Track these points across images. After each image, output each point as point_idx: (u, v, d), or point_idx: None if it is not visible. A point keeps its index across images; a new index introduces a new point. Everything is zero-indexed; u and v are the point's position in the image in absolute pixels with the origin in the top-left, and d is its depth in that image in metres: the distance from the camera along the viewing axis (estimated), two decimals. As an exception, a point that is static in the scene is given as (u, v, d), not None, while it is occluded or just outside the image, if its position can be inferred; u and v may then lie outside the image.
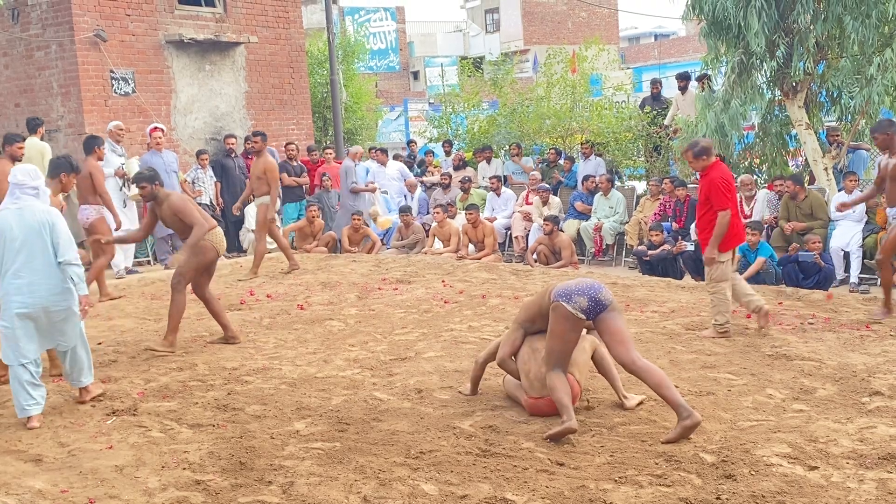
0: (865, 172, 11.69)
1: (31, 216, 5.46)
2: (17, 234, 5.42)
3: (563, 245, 11.48)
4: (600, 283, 5.16)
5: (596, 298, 5.02)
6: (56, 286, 5.52)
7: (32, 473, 4.66)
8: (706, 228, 7.16)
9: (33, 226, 5.44)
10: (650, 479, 4.27)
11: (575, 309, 5.00)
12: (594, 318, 5.07)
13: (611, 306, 5.07)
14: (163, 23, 13.89)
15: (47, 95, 13.31)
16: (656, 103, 14.24)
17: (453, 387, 5.87)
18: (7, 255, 5.44)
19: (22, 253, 5.42)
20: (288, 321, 8.18)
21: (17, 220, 5.45)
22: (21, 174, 5.56)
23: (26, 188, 5.52)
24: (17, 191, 5.52)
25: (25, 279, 5.42)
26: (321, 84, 20.14)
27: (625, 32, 53.75)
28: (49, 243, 5.46)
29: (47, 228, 5.46)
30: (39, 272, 5.44)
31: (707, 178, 7.10)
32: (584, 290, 5.05)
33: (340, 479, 4.40)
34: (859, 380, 5.73)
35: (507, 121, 16.01)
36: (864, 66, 10.24)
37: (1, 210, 5.56)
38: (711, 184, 7.05)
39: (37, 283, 5.44)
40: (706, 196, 7.08)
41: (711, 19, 10.77)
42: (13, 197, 5.53)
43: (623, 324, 5.12)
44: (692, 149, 7.22)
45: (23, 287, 5.42)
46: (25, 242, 5.42)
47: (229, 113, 14.86)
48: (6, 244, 5.44)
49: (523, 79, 26.29)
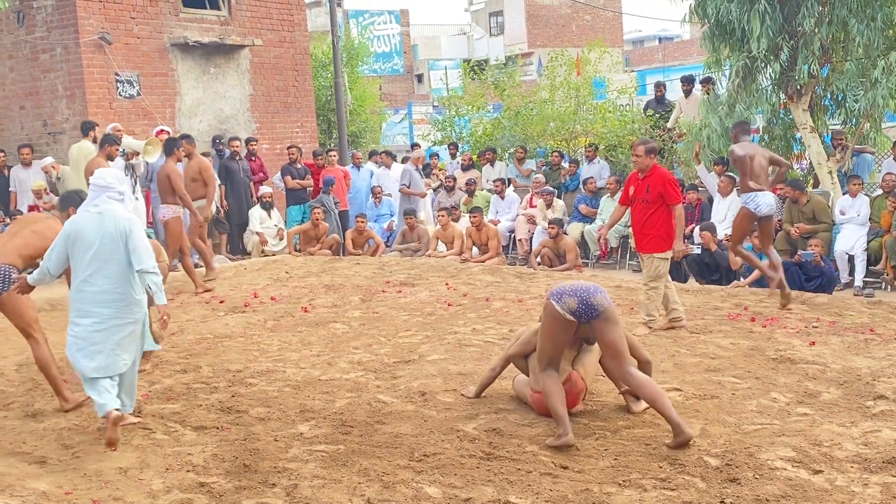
0: (870, 176, 11.67)
1: (112, 222, 5.12)
2: (94, 240, 5.08)
3: (568, 248, 11.48)
4: (598, 288, 5.04)
5: (587, 302, 4.92)
6: (128, 296, 5.15)
7: (37, 475, 4.67)
8: (656, 225, 7.35)
9: (112, 232, 5.10)
10: (654, 483, 4.26)
11: (563, 309, 4.93)
12: (587, 323, 4.96)
13: (604, 314, 4.93)
14: (167, 26, 13.93)
15: (52, 98, 13.35)
16: (660, 106, 14.24)
17: (457, 389, 5.87)
18: (80, 261, 5.10)
19: (96, 260, 5.07)
20: (292, 324, 8.18)
21: (95, 226, 5.10)
22: (109, 177, 5.25)
23: (112, 192, 5.21)
24: (102, 194, 5.19)
25: (97, 287, 5.08)
26: (325, 87, 20.17)
27: (629, 35, 53.73)
28: (125, 251, 5.10)
29: (126, 235, 5.12)
30: (113, 280, 5.09)
31: (657, 176, 7.33)
32: (576, 291, 4.96)
33: (344, 481, 4.40)
34: (864, 383, 5.72)
35: (510, 124, 16.01)
36: (868, 70, 10.23)
37: (80, 212, 5.26)
38: (665, 180, 7.33)
39: (108, 292, 5.09)
40: (658, 193, 7.28)
41: (715, 23, 10.77)
42: (96, 200, 5.21)
43: (617, 335, 4.98)
44: (645, 144, 7.45)
45: (93, 295, 5.08)
46: (102, 249, 5.08)
47: (234, 116, 14.89)
48: (80, 250, 5.10)
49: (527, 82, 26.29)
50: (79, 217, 5.20)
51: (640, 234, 7.51)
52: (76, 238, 5.11)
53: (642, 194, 7.38)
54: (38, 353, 5.79)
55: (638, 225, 7.50)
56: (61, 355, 6.95)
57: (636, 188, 7.44)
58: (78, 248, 5.10)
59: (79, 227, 5.13)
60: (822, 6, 10.25)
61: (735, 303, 8.44)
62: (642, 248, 7.51)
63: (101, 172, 5.29)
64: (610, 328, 4.96)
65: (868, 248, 9.75)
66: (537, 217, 12.55)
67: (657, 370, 6.08)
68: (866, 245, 9.76)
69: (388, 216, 14.31)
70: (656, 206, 7.31)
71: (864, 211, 9.91)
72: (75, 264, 5.13)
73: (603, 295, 4.99)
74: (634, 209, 7.50)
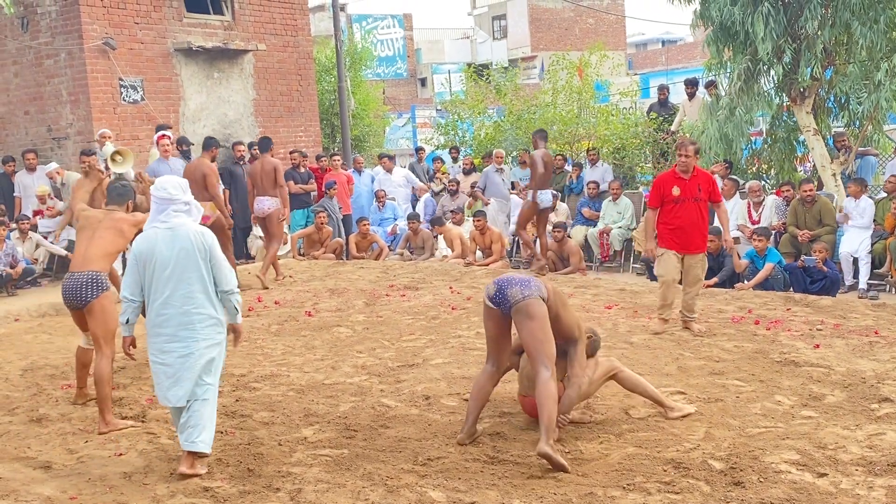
0: (874, 178, 11.66)
1: (186, 238, 4.74)
2: (169, 258, 4.71)
3: (572, 251, 11.47)
4: (526, 281, 4.86)
5: (503, 291, 4.82)
6: (211, 316, 4.79)
7: (41, 480, 4.68)
8: (706, 223, 7.52)
9: (188, 248, 4.73)
10: (658, 487, 4.26)
11: (485, 294, 4.95)
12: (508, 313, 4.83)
13: (517, 307, 4.75)
14: (171, 31, 13.96)
15: (56, 103, 13.38)
16: (663, 109, 14.24)
17: (461, 393, 5.87)
18: (156, 282, 4.72)
19: (173, 280, 4.70)
20: (296, 328, 8.19)
21: (168, 242, 4.73)
22: (172, 187, 4.85)
23: (178, 203, 4.83)
24: (168, 207, 4.80)
25: (177, 308, 4.71)
26: (329, 91, 20.20)
27: (632, 38, 53.72)
28: (204, 268, 4.75)
29: (206, 252, 4.77)
30: (194, 300, 4.73)
31: (703, 174, 7.47)
32: (500, 280, 4.91)
33: (348, 485, 4.41)
34: (868, 386, 5.71)
35: (513, 127, 16.02)
36: (872, 72, 10.23)
37: (149, 229, 4.86)
38: (711, 177, 7.53)
39: (190, 313, 4.72)
40: (707, 193, 7.42)
41: (719, 26, 10.77)
42: (163, 214, 4.82)
43: (529, 334, 4.74)
44: (695, 144, 7.55)
45: (175, 318, 4.71)
46: (178, 267, 4.71)
47: (237, 120, 14.91)
48: (155, 270, 4.72)
49: (531, 85, 26.30)
50: (148, 235, 4.82)
51: (692, 234, 7.40)
52: (149, 257, 4.74)
53: (693, 193, 7.34)
54: (101, 365, 5.58)
55: (689, 225, 7.38)
56: (66, 359, 6.99)
57: (682, 188, 7.35)
58: (152, 268, 4.72)
59: (151, 245, 4.75)
60: (824, 9, 10.24)
61: (739, 305, 8.43)
62: (697, 248, 7.44)
63: (162, 182, 4.91)
64: (521, 325, 4.77)
65: (872, 251, 9.73)
66: (540, 220, 12.54)
67: (660, 373, 6.09)
68: (870, 247, 9.74)
69: (391, 220, 14.33)
70: (706, 203, 7.38)
71: (867, 213, 9.89)
72: (151, 286, 4.74)
73: (521, 288, 4.79)
74: (681, 209, 7.37)
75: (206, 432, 4.68)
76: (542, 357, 4.72)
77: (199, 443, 4.63)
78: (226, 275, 4.81)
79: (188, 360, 4.69)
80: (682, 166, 7.38)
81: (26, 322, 9.02)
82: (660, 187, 7.54)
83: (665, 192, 7.46)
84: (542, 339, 4.74)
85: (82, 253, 5.80)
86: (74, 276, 5.70)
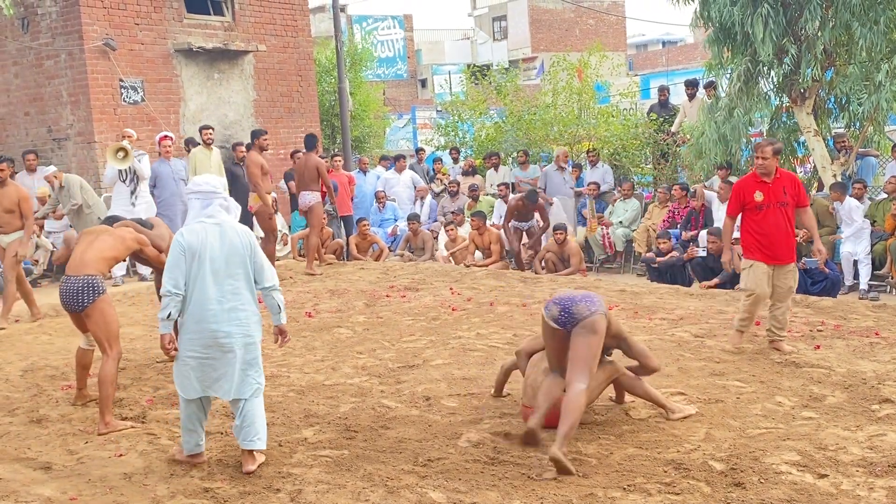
0: (874, 179, 11.65)
1: (235, 235, 4.76)
2: (219, 254, 4.70)
3: (572, 252, 11.47)
4: (588, 297, 4.96)
5: (568, 310, 4.90)
6: (254, 313, 4.83)
7: (42, 481, 4.68)
8: (793, 229, 6.77)
9: (237, 245, 4.74)
10: (659, 487, 4.26)
11: (548, 316, 4.98)
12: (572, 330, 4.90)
13: (581, 323, 4.85)
14: (171, 31, 13.97)
15: (57, 104, 13.39)
16: (664, 110, 14.24)
17: (461, 394, 5.86)
18: (204, 276, 4.67)
19: (221, 275, 4.69)
20: (296, 329, 8.18)
21: (218, 238, 4.72)
22: (215, 181, 4.86)
23: (220, 198, 4.82)
24: (213, 200, 4.78)
25: (226, 304, 4.70)
26: (329, 92, 20.19)
27: (632, 39, 53.76)
28: (249, 265, 4.77)
29: (251, 249, 4.78)
30: (240, 296, 4.75)
31: (787, 176, 6.77)
32: (563, 299, 4.97)
33: (348, 486, 4.41)
34: (869, 387, 5.71)
35: (513, 128, 16.02)
36: (872, 73, 10.23)
37: (194, 223, 4.79)
38: (796, 179, 6.79)
39: (237, 309, 4.74)
40: (794, 196, 6.70)
41: (719, 27, 10.76)
42: (209, 209, 4.79)
43: (585, 347, 4.83)
44: (772, 145, 6.74)
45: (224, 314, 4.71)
46: (228, 263, 4.71)
47: (238, 121, 14.91)
48: (204, 264, 4.68)
49: (531, 86, 26.29)
50: (196, 229, 4.74)
51: (780, 243, 6.69)
52: (199, 251, 4.67)
53: (779, 198, 6.65)
54: (107, 368, 5.57)
55: (776, 233, 6.67)
56: (66, 360, 6.99)
57: (766, 193, 6.65)
58: (200, 262, 4.68)
59: (202, 239, 4.69)
60: (825, 9, 10.24)
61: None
62: (787, 258, 6.73)
63: (206, 178, 4.89)
64: (580, 337, 4.85)
65: (872, 252, 9.73)
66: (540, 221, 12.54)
67: (661, 374, 6.06)
68: (871, 248, 9.74)
69: (391, 221, 14.32)
70: (793, 208, 6.69)
71: (855, 214, 9.87)
72: (196, 280, 4.67)
73: (587, 303, 4.90)
74: (766, 216, 6.67)
75: (262, 429, 4.80)
76: (586, 370, 4.83)
77: (256, 441, 4.77)
78: (269, 271, 4.85)
79: (236, 355, 4.74)
80: (762, 169, 6.66)
81: (26, 323, 9.02)
82: (740, 193, 6.81)
83: (746, 199, 6.74)
84: (594, 354, 4.89)
85: (79, 255, 5.80)
86: (70, 279, 5.70)
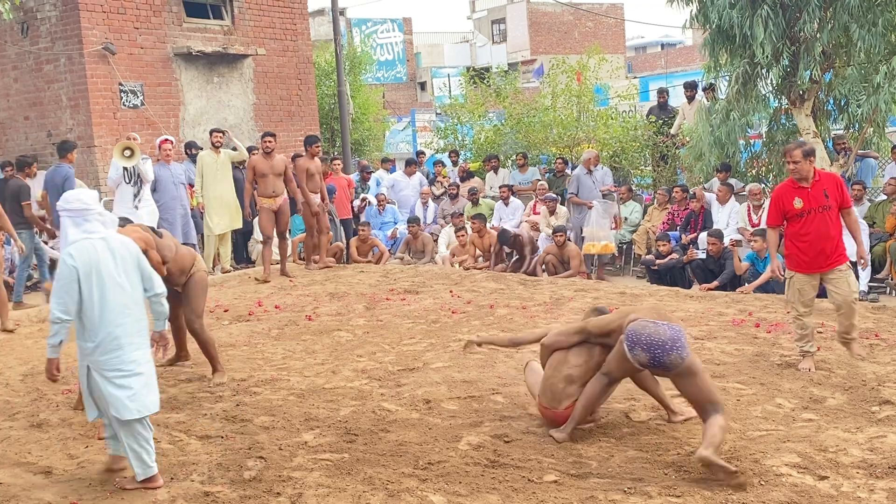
0: (873, 181, 11.66)
1: (121, 246, 4.65)
2: (116, 268, 4.58)
3: (572, 255, 11.47)
4: (676, 340, 4.63)
5: (660, 360, 4.64)
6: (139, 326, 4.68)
7: (42, 486, 4.67)
8: (840, 233, 6.43)
9: (125, 256, 4.64)
10: (659, 490, 4.26)
11: (634, 361, 4.75)
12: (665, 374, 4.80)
13: (677, 371, 4.64)
14: (171, 35, 13.98)
15: (56, 108, 13.40)
16: (663, 112, 14.25)
17: (461, 397, 5.86)
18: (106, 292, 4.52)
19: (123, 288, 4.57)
20: (296, 332, 8.19)
21: (109, 252, 4.59)
22: (87, 198, 4.69)
23: (94, 213, 4.66)
24: (89, 217, 4.63)
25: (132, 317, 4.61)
26: (328, 95, 20.22)
27: (631, 42, 53.81)
28: (140, 275, 4.68)
29: (137, 258, 4.70)
30: (140, 306, 4.67)
31: (828, 178, 6.44)
32: (651, 346, 4.63)
33: (349, 490, 4.40)
34: (869, 389, 5.71)
35: (512, 131, 16.03)
36: (870, 75, 10.24)
37: (81, 241, 4.57)
38: (838, 180, 6.47)
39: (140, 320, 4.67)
40: (837, 199, 6.37)
41: (717, 29, 10.77)
42: (87, 224, 4.62)
43: (694, 388, 4.64)
44: (801, 147, 6.42)
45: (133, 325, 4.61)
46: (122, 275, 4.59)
47: (237, 125, 14.93)
48: (104, 280, 4.53)
49: (530, 89, 26.31)
50: (85, 246, 4.56)
51: (825, 249, 6.36)
52: (95, 269, 4.52)
53: (821, 202, 6.33)
54: None
55: (820, 239, 6.35)
56: (67, 364, 6.98)
57: (806, 199, 6.35)
58: (99, 279, 4.52)
59: (94, 257, 4.54)
60: (823, 11, 10.25)
61: (739, 308, 8.43)
62: (834, 262, 6.39)
63: (74, 195, 4.72)
64: (687, 381, 4.67)
65: (872, 253, 9.72)
66: (541, 224, 12.55)
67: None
68: (870, 250, 9.73)
69: (391, 224, 14.33)
70: (836, 211, 6.37)
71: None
72: (100, 298, 4.51)
73: (679, 352, 4.61)
74: (808, 223, 6.36)
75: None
76: (718, 402, 4.66)
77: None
78: (157, 279, 4.81)
79: (151, 364, 4.72)
80: (797, 174, 6.37)
81: (27, 327, 9.02)
82: (778, 202, 6.53)
83: (786, 206, 6.45)
84: (710, 387, 4.71)
85: None
86: None
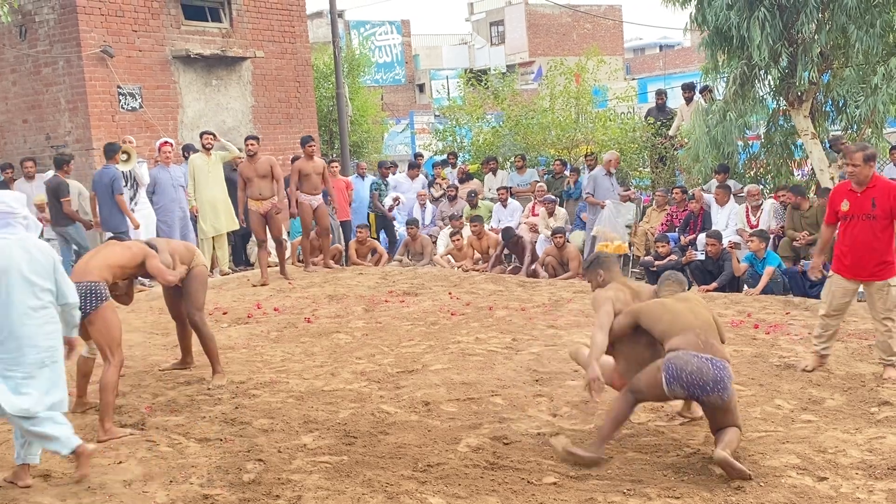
0: (872, 181, 11.65)
1: (38, 249, 4.67)
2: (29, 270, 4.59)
3: (571, 256, 11.48)
4: (719, 378, 4.53)
5: (698, 398, 4.63)
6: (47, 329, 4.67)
7: (41, 489, 4.67)
8: (889, 245, 6.19)
9: (40, 259, 4.64)
10: (658, 492, 4.26)
11: (669, 394, 4.66)
12: None
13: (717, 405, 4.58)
14: (169, 38, 13.99)
15: (55, 111, 13.40)
16: (661, 114, 14.26)
17: (460, 399, 5.86)
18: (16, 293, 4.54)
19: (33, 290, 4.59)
20: (295, 334, 8.18)
21: (23, 254, 4.60)
22: (13, 200, 4.72)
23: (19, 217, 4.69)
24: (10, 220, 4.66)
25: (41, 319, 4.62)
26: (327, 97, 20.22)
27: (630, 43, 53.81)
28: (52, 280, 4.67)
29: (54, 264, 4.70)
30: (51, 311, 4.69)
31: (882, 187, 6.17)
32: (690, 385, 4.54)
33: (348, 492, 4.40)
34: (868, 389, 5.71)
35: (511, 132, 16.03)
36: (869, 76, 10.25)
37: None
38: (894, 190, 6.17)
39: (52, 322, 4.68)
40: (889, 208, 6.10)
41: (714, 30, 10.77)
42: (9, 227, 4.65)
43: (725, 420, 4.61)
44: (863, 151, 6.21)
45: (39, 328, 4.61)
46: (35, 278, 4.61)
47: (236, 127, 14.92)
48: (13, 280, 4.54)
49: (529, 91, 26.34)
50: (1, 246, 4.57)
51: (864, 257, 6.18)
52: (6, 269, 4.53)
53: (866, 209, 6.15)
54: (108, 375, 5.54)
55: (860, 246, 6.19)
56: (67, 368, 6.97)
57: (853, 203, 6.20)
58: (9, 279, 4.53)
59: (7, 256, 4.54)
60: (821, 13, 10.26)
61: (738, 310, 8.44)
62: (872, 275, 6.19)
63: (1, 197, 4.70)
64: (718, 413, 4.63)
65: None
66: (539, 225, 12.56)
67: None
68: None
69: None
70: (885, 222, 6.13)
71: None
72: (3, 299, 4.52)
73: (720, 394, 4.54)
74: (850, 228, 6.24)
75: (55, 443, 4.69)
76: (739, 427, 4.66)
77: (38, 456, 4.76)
78: (70, 288, 4.81)
79: (58, 368, 4.69)
80: (853, 178, 6.20)
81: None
82: (832, 201, 6.43)
83: (837, 207, 6.33)
84: (736, 418, 4.67)
85: (84, 263, 5.82)
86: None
